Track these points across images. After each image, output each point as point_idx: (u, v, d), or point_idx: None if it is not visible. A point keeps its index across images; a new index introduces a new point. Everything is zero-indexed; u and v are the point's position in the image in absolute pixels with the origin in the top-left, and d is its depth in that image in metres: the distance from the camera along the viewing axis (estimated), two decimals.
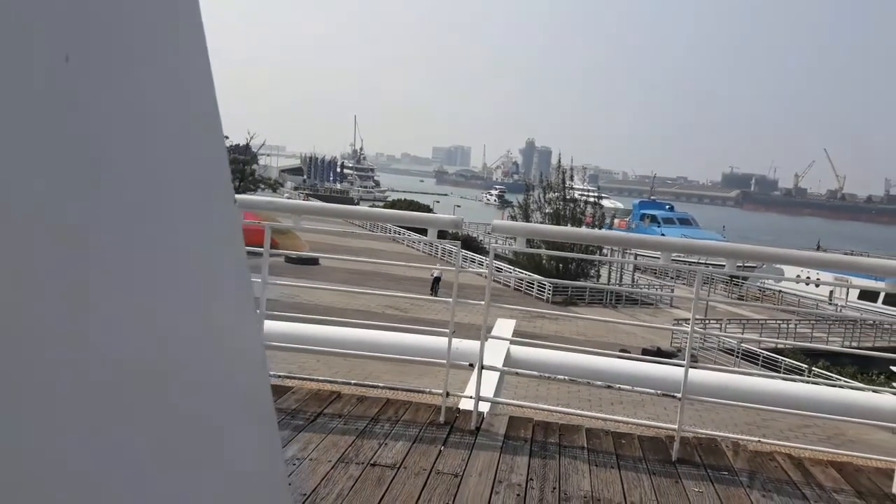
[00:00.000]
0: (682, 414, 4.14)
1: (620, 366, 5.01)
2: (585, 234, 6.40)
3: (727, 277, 45.52)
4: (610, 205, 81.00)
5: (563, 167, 46.78)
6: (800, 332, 34.93)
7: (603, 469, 3.91)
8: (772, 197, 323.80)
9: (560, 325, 29.09)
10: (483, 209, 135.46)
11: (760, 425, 18.51)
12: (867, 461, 4.37)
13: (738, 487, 3.83)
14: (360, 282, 29.72)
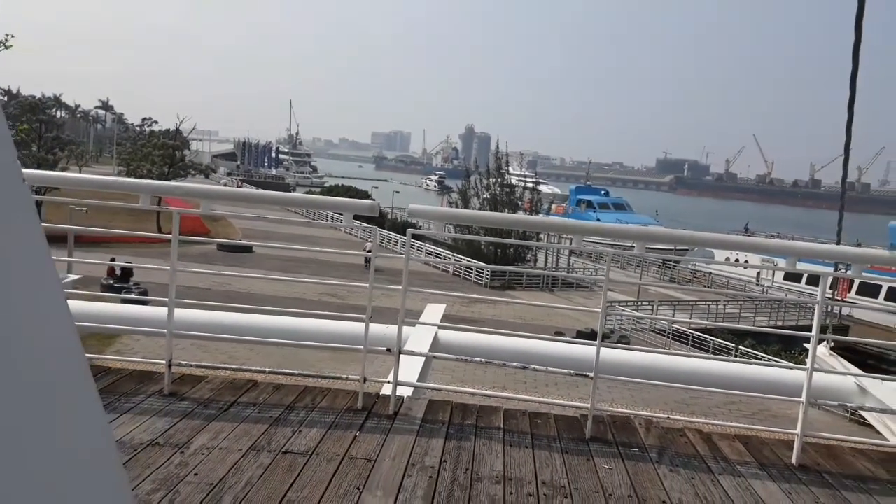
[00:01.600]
0: (595, 393, 4.21)
1: (540, 347, 5.07)
2: (501, 219, 6.47)
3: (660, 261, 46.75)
4: (548, 190, 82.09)
5: (501, 153, 47.09)
6: (728, 312, 36.13)
7: (517, 449, 3.95)
8: (704, 182, 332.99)
9: (498, 310, 29.39)
10: (423, 195, 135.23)
11: (689, 403, 19.13)
12: (771, 434, 4.55)
13: (648, 463, 3.93)
14: (294, 269, 29.34)
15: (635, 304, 34.05)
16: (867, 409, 5.51)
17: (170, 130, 55.49)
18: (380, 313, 4.51)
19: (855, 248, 5.09)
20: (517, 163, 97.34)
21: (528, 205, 47.56)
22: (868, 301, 41.86)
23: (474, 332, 6.12)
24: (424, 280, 34.58)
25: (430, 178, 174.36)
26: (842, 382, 5.93)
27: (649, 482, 3.69)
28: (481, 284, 36.52)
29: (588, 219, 65.40)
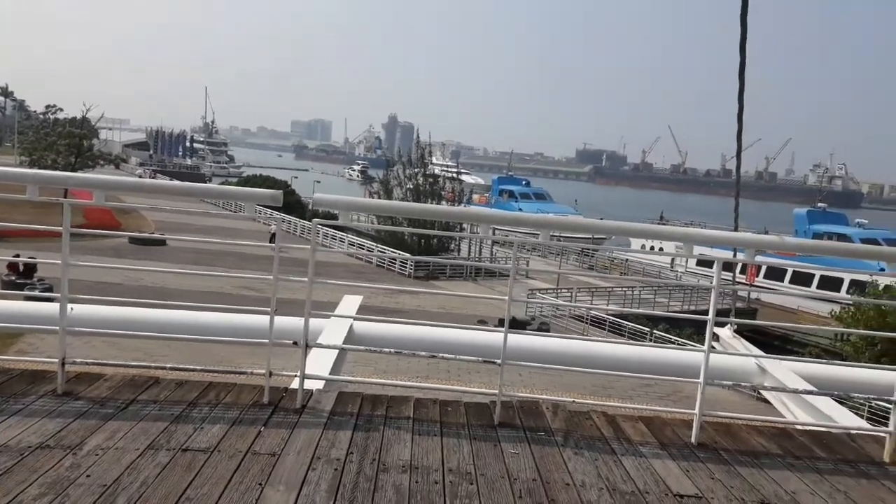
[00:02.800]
0: (503, 378, 4.26)
1: (451, 336, 5.10)
2: (407, 208, 6.48)
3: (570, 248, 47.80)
4: (471, 180, 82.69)
5: (424, 143, 47.07)
6: (644, 298, 37.33)
7: (425, 437, 3.95)
8: (622, 172, 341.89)
9: (422, 300, 29.42)
10: (345, 185, 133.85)
11: (606, 386, 19.70)
12: (673, 415, 4.71)
13: (553, 447, 4.00)
14: (210, 262, 28.54)
15: (555, 292, 34.74)
16: (764, 387, 5.78)
17: (76, 119, 52.91)
18: (296, 306, 4.42)
19: (745, 234, 5.33)
20: (440, 153, 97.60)
21: (451, 195, 47.75)
22: (772, 284, 44.01)
23: (389, 323, 6.10)
24: (347, 271, 34.31)
25: (353, 168, 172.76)
26: (743, 363, 6.20)
27: (554, 465, 3.75)
28: (405, 275, 36.50)
29: (510, 208, 66.31)
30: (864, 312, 27.95)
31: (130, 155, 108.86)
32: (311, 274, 4.17)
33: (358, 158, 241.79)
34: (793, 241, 4.69)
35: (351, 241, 42.31)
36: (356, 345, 5.51)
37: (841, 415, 5.30)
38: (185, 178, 76.17)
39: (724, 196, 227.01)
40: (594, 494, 3.46)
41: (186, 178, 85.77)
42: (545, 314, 30.37)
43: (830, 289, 40.75)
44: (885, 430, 4.43)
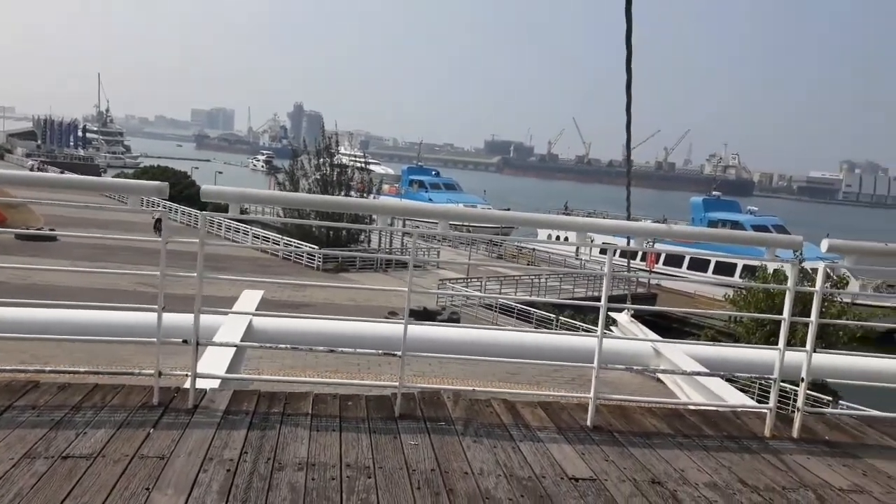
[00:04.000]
0: (403, 370, 4.24)
1: (352, 329, 5.03)
2: (300, 199, 6.36)
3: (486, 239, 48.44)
4: (381, 171, 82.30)
5: (330, 133, 46.32)
6: (550, 285, 38.17)
7: (324, 433, 3.89)
8: (528, 162, 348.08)
9: (331, 293, 29.01)
10: (249, 176, 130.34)
11: (513, 372, 20.04)
12: (570, 400, 4.82)
13: (453, 435, 4.02)
14: (105, 258, 27.20)
15: (465, 281, 35.07)
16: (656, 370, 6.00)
17: None
18: (204, 302, 4.25)
19: (636, 223, 5.50)
20: (348, 142, 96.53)
21: (361, 185, 47.27)
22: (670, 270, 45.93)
23: (290, 318, 5.97)
24: (252, 265, 33.47)
25: (258, 158, 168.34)
26: (639, 347, 6.41)
27: (453, 454, 3.77)
28: (313, 268, 35.95)
29: (420, 199, 66.37)
30: (754, 295, 29.58)
31: (16, 145, 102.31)
32: (201, 268, 4.01)
33: (263, 148, 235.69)
34: (679, 229, 4.92)
35: (256, 233, 41.29)
36: (256, 341, 5.37)
37: (729, 394, 5.57)
38: (78, 170, 72.35)
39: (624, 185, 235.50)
40: (492, 482, 3.49)
41: (79, 169, 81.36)
42: (456, 304, 30.61)
43: (725, 274, 42.83)
44: (767, 407, 4.68)
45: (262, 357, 16.18)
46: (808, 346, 4.52)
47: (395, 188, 73.46)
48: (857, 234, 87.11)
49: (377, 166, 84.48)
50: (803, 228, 63.03)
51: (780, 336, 4.54)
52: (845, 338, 28.16)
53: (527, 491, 3.43)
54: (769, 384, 4.81)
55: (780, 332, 4.53)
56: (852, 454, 4.39)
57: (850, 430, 4.84)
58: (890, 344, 37.45)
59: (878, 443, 4.65)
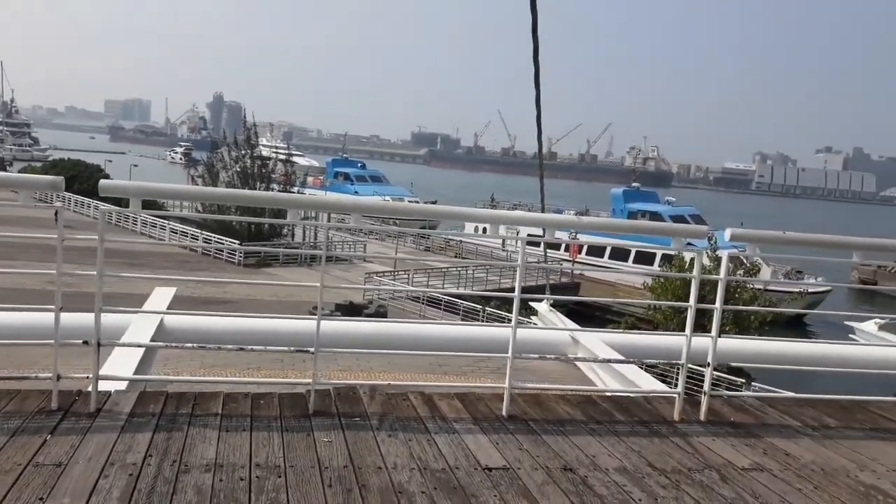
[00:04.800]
0: (316, 367, 4.17)
1: (265, 326, 4.92)
2: (204, 193, 6.22)
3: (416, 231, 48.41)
4: (304, 163, 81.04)
5: (250, 124, 45.21)
6: (477, 276, 38.47)
7: (234, 433, 3.79)
8: (455, 155, 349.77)
9: (253, 289, 28.39)
10: (167, 169, 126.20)
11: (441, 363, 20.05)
12: (486, 390, 4.85)
13: (368, 431, 3.98)
14: (12, 255, 25.82)
15: (392, 274, 34.93)
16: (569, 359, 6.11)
17: None
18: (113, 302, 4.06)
19: (547, 215, 5.60)
20: (270, 133, 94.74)
21: (284, 178, 46.37)
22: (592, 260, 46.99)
23: (203, 317, 5.79)
24: (170, 261, 32.40)
25: (175, 151, 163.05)
26: (557, 336, 6.53)
27: (367, 450, 3.74)
28: (234, 263, 35.11)
29: (346, 191, 65.77)
30: (671, 283, 30.54)
31: None
32: (100, 266, 3.84)
33: (181, 140, 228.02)
34: (587, 220, 5.02)
35: (174, 228, 39.99)
36: (167, 340, 5.19)
37: (642, 380, 5.73)
38: None
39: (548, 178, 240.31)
40: (405, 475, 3.48)
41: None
42: (383, 298, 30.46)
43: (645, 263, 44.10)
44: (675, 392, 4.83)
45: (180, 357, 15.70)
46: (714, 331, 4.68)
47: (320, 180, 72.46)
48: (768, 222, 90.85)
49: (301, 158, 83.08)
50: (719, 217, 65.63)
51: (686, 323, 4.70)
52: (756, 322, 29.44)
53: (440, 483, 3.44)
54: (692, 369, 4.97)
55: (687, 319, 4.69)
56: (755, 434, 4.58)
57: (754, 412, 5.05)
58: (799, 327, 39.53)
59: (778, 422, 4.87)
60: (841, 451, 4.42)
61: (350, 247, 42.20)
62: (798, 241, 5.12)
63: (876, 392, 5.74)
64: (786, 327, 38.49)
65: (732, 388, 19.39)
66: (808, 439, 4.59)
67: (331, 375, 16.37)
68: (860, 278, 52.56)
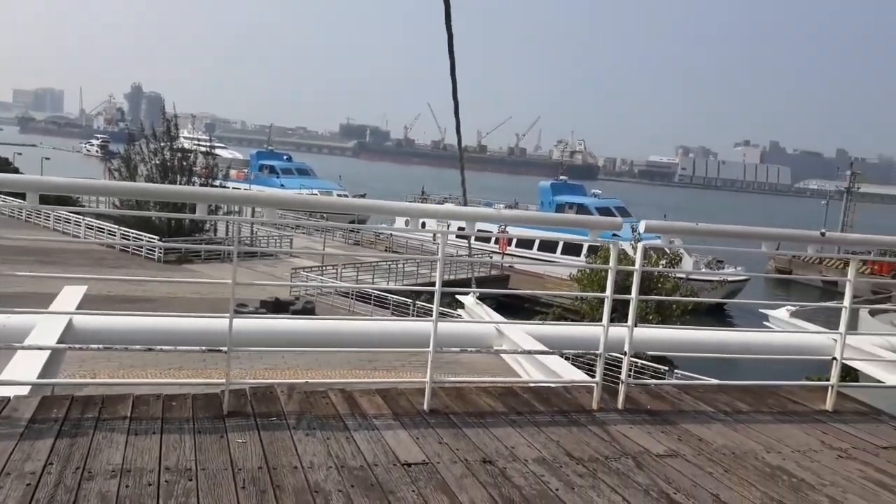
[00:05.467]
0: (230, 366, 4.05)
1: (175, 326, 4.75)
2: (108, 188, 5.96)
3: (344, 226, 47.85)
4: (228, 155, 79.01)
5: (170, 115, 43.69)
6: (408, 270, 38.42)
7: (143, 437, 3.64)
8: (385, 147, 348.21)
9: (174, 287, 27.55)
10: (82, 161, 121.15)
11: (370, 359, 19.97)
12: (409, 385, 4.82)
13: (284, 430, 3.89)
14: None
15: (320, 269, 34.52)
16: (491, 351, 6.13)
17: None
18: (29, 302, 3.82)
19: (463, 208, 5.60)
20: (191, 125, 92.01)
21: (205, 171, 45.02)
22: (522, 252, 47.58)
23: (115, 316, 5.54)
24: (87, 259, 31.16)
25: (91, 143, 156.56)
26: (482, 329, 6.53)
27: (283, 450, 3.65)
28: (154, 259, 33.99)
29: (272, 184, 64.52)
30: (596, 274, 31.23)
31: None
32: None
33: (97, 132, 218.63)
34: (508, 212, 5.07)
35: (88, 223, 38.37)
36: (76, 342, 4.93)
37: (565, 370, 5.80)
38: None
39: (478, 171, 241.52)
40: (322, 474, 3.42)
41: None
42: (311, 293, 30.05)
43: (573, 254, 44.92)
44: (594, 381, 4.91)
45: (96, 358, 15.12)
46: (630, 321, 4.78)
47: (244, 173, 70.78)
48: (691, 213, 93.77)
49: (224, 150, 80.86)
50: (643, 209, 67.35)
51: (604, 313, 4.78)
52: (678, 311, 30.42)
53: (357, 480, 3.39)
54: (617, 357, 5.04)
55: (604, 310, 4.77)
56: (670, 421, 4.71)
57: (670, 399, 5.19)
58: (719, 315, 41.10)
59: (693, 408, 5.02)
60: (751, 435, 4.58)
61: (276, 242, 41.45)
62: (709, 232, 5.28)
63: (788, 377, 5.99)
64: (706, 315, 39.98)
65: (657, 376, 20.02)
66: (721, 424, 4.74)
67: (257, 374, 16.08)
68: (776, 267, 55.07)
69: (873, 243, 6.20)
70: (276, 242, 41.36)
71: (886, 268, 48.15)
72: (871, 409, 5.37)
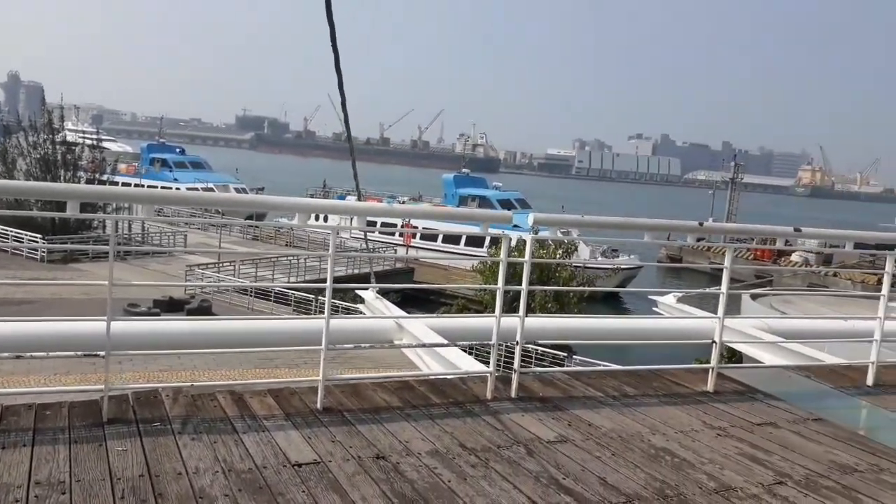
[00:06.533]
0: (108, 371, 3.85)
1: (52, 329, 4.48)
2: None
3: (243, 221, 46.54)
4: (117, 148, 75.12)
5: (52, 105, 41.16)
6: (309, 265, 37.74)
7: (11, 450, 3.41)
8: (284, 139, 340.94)
9: (60, 287, 26.05)
10: None
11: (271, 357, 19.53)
12: (302, 384, 4.73)
13: (168, 436, 3.74)
14: None
15: (216, 266, 33.44)
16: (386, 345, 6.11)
17: None
18: None
19: (354, 203, 5.56)
20: (76, 117, 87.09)
21: (92, 165, 42.68)
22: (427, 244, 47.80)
23: None
24: None
25: None
26: (381, 323, 6.50)
27: (166, 456, 3.51)
28: (36, 259, 32.00)
29: (164, 178, 61.94)
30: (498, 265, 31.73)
31: None
32: None
33: None
34: (399, 207, 5.10)
35: None
36: None
37: (464, 362, 5.85)
38: None
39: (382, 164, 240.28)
40: (207, 479, 3.31)
41: None
42: (207, 292, 29.05)
43: (476, 246, 45.43)
44: (488, 371, 4.98)
45: None
46: (521, 311, 4.87)
47: (134, 167, 67.53)
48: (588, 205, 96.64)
49: (112, 143, 76.90)
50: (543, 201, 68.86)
51: (496, 304, 4.85)
52: (575, 299, 31.40)
53: (245, 484, 3.30)
54: (526, 349, 5.11)
55: (496, 300, 4.84)
56: (561, 407, 4.83)
57: (561, 385, 5.33)
58: (615, 303, 42.71)
59: (583, 394, 5.17)
60: (637, 418, 4.77)
61: (169, 238, 39.84)
62: (594, 223, 5.46)
63: (682, 361, 6.27)
64: (603, 303, 41.49)
65: (557, 363, 20.58)
66: (609, 409, 4.91)
67: (150, 377, 15.41)
68: (668, 255, 57.73)
69: (747, 231, 6.58)
70: (169, 239, 39.77)
71: (768, 254, 51.38)
72: (748, 388, 5.70)
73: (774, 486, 3.85)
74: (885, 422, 5.35)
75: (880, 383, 6.12)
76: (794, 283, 48.94)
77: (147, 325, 4.41)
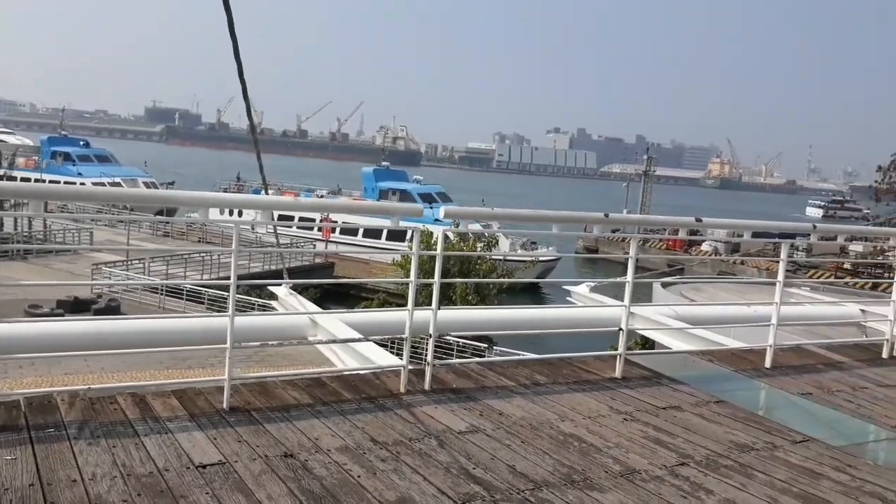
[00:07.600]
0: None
1: None
2: None
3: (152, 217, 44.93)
4: (14, 141, 71.05)
5: None
6: (223, 262, 36.76)
7: None
8: (196, 132, 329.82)
9: None
10: None
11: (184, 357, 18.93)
12: (208, 384, 4.60)
13: (63, 442, 3.57)
14: None
15: (125, 264, 32.17)
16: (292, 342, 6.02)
17: None
18: None
19: (263, 197, 5.46)
20: None
21: None
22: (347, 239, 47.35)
23: None
24: None
25: None
26: (295, 320, 6.38)
27: (60, 463, 3.34)
28: None
29: (67, 173, 58.95)
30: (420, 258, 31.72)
31: None
32: None
33: None
34: (306, 201, 4.98)
35: None
36: None
37: (378, 356, 5.82)
38: None
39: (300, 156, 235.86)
40: (105, 485, 3.17)
41: None
42: (115, 291, 27.89)
43: (399, 240, 45.29)
44: (400, 365, 4.97)
45: None
46: (434, 304, 4.88)
47: (34, 161, 63.98)
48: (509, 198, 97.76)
49: (9, 136, 72.71)
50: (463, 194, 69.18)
51: (409, 297, 4.84)
52: (495, 291, 31.74)
53: (145, 488, 3.18)
54: (447, 342, 5.09)
55: (409, 294, 4.83)
56: (474, 398, 4.88)
57: (474, 376, 5.37)
58: (535, 294, 43.44)
59: (495, 384, 5.23)
60: (547, 405, 4.86)
61: (74, 235, 38.01)
62: (504, 216, 5.52)
63: (597, 348, 6.42)
64: (523, 294, 42.14)
65: (477, 354, 20.77)
66: (521, 397, 4.99)
67: (54, 382, 14.69)
68: (585, 246, 59.14)
69: (650, 223, 6.80)
70: (74, 237, 37.95)
71: (679, 244, 53.35)
72: (653, 373, 5.90)
73: (677, 468, 4.00)
74: (781, 402, 5.64)
75: (777, 365, 6.45)
76: (705, 271, 51.04)
77: (37, 327, 4.17)
